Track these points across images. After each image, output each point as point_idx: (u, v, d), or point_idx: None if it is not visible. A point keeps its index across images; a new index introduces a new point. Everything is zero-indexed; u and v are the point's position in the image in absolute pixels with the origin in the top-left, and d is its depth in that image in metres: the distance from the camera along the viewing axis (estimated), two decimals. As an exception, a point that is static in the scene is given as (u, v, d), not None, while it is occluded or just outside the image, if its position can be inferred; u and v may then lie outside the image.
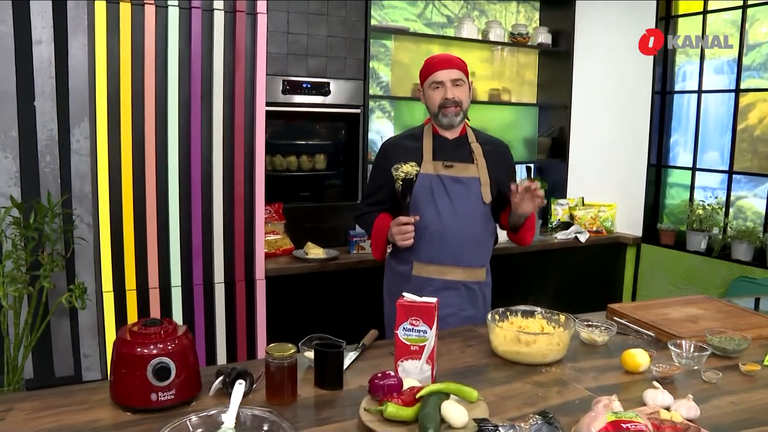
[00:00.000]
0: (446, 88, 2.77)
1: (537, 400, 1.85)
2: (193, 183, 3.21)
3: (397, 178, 2.65)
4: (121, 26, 2.99)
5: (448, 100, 2.77)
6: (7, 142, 3.64)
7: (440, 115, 2.81)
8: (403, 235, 2.70)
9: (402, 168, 2.65)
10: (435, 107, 2.81)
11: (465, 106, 2.82)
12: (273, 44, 4.01)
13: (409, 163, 2.69)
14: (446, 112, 2.79)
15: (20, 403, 1.73)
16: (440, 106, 2.79)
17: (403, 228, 2.69)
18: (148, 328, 1.74)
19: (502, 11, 5.37)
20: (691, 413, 1.72)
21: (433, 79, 2.79)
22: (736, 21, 4.55)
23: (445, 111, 2.79)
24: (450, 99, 2.76)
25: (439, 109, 2.80)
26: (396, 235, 2.72)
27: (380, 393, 1.70)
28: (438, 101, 2.79)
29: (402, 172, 2.64)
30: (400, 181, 2.65)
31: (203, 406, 1.73)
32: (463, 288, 2.82)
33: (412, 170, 2.65)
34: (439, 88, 2.78)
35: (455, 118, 2.80)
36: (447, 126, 2.83)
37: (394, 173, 2.67)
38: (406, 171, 2.64)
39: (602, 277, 5.19)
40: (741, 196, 4.68)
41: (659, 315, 2.58)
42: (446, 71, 2.77)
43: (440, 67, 2.78)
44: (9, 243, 3.37)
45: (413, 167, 2.66)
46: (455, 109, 2.78)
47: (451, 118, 2.80)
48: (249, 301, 3.41)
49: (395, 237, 2.73)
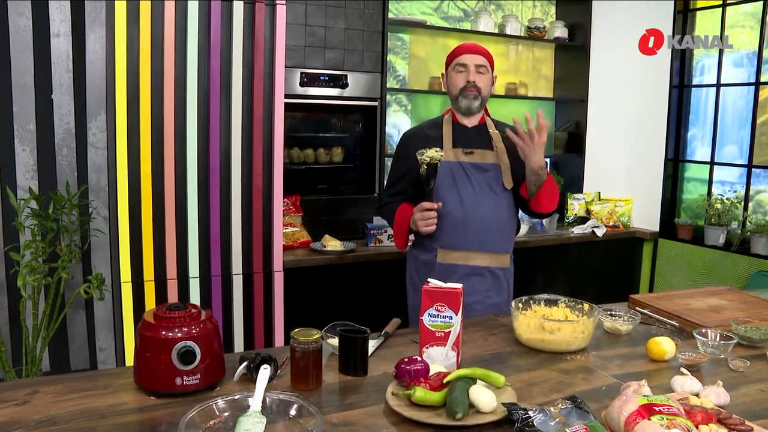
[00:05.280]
0: (469, 72, 2.82)
1: (564, 386, 1.83)
2: (211, 175, 3.20)
3: (422, 162, 2.66)
4: (141, 18, 2.99)
5: (469, 83, 2.81)
6: (24, 135, 3.65)
7: (460, 97, 2.85)
8: (426, 221, 2.71)
9: (427, 153, 2.66)
10: (456, 90, 2.85)
11: (485, 93, 2.87)
12: (291, 36, 4.01)
13: (434, 148, 2.70)
14: (467, 94, 2.83)
15: (44, 387, 1.73)
16: (462, 88, 2.83)
17: (426, 214, 2.69)
18: (173, 312, 1.73)
19: (518, 5, 5.35)
20: (721, 399, 1.70)
21: (458, 62, 2.84)
22: (756, 13, 4.51)
23: (466, 93, 2.83)
24: (471, 82, 2.81)
25: (460, 92, 2.84)
26: (419, 221, 2.73)
27: (407, 378, 1.69)
28: (460, 84, 2.83)
29: (427, 156, 2.65)
30: (425, 165, 2.66)
31: (227, 391, 1.72)
32: (488, 274, 2.83)
33: (437, 155, 2.66)
34: (462, 72, 2.83)
35: (474, 102, 2.84)
36: (465, 110, 2.87)
37: (419, 158, 2.68)
38: (431, 156, 2.64)
39: (619, 271, 5.16)
40: (760, 190, 4.64)
41: (682, 305, 2.56)
42: (472, 56, 2.84)
43: (466, 51, 2.84)
44: (28, 233, 3.38)
45: (437, 152, 2.67)
46: (475, 93, 2.82)
47: (470, 101, 2.83)
48: (267, 293, 3.40)
49: (418, 223, 2.74)
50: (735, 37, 4.71)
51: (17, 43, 3.58)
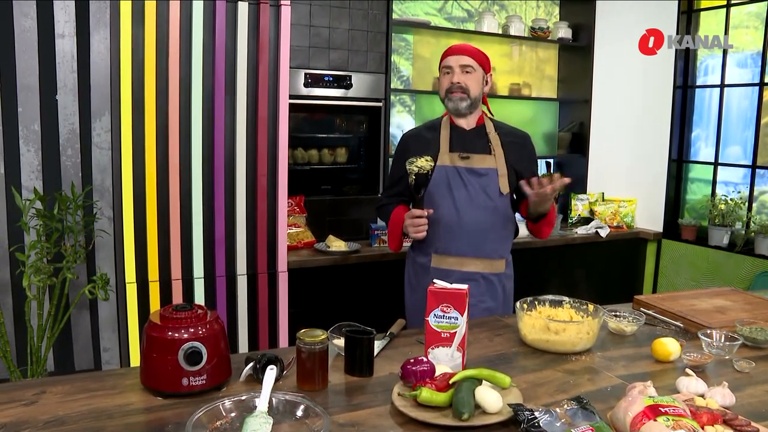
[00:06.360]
0: (454, 73, 2.78)
1: (569, 387, 1.83)
2: (216, 175, 3.21)
3: (410, 172, 2.69)
4: (146, 19, 2.99)
5: (453, 84, 2.78)
6: (29, 135, 3.66)
7: (446, 100, 2.82)
8: (415, 228, 2.72)
9: (416, 162, 2.68)
10: (443, 92, 2.84)
11: (474, 94, 2.80)
12: (295, 37, 4.01)
13: (425, 157, 2.73)
14: (452, 96, 2.79)
15: (52, 387, 1.73)
16: (447, 90, 2.81)
17: (416, 221, 2.71)
18: (179, 313, 1.73)
19: (522, 6, 5.35)
20: (727, 401, 1.70)
21: (444, 64, 2.83)
22: (760, 14, 4.51)
23: (451, 96, 2.80)
24: (456, 83, 2.77)
25: (446, 94, 2.82)
26: (409, 228, 2.75)
27: (413, 378, 1.69)
28: (446, 86, 2.81)
29: (415, 166, 2.67)
30: (413, 175, 2.69)
31: (234, 392, 1.73)
32: (481, 279, 2.81)
33: (427, 165, 2.68)
34: (448, 74, 2.81)
35: (460, 103, 2.79)
36: (454, 111, 2.84)
37: (407, 167, 2.70)
38: (420, 165, 2.67)
39: (623, 272, 5.16)
40: (764, 190, 4.63)
41: (687, 306, 2.56)
42: (456, 57, 2.79)
43: (450, 53, 2.81)
44: (33, 234, 3.39)
45: (428, 162, 2.70)
46: (461, 95, 2.78)
47: (456, 103, 2.79)
48: (271, 293, 3.40)
49: (408, 229, 2.76)
50: (739, 37, 4.71)
51: (22, 44, 3.60)
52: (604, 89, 5.30)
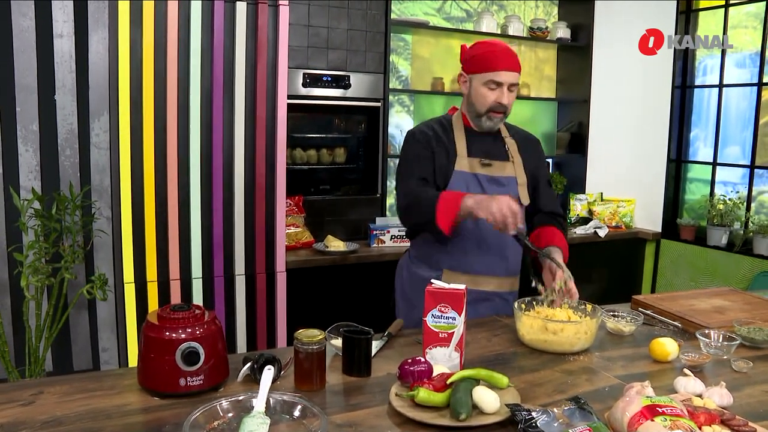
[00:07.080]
0: (503, 93, 2.44)
1: (567, 387, 1.83)
2: (214, 175, 3.21)
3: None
4: (144, 19, 2.99)
5: (500, 105, 2.45)
6: (27, 135, 3.66)
7: (485, 118, 2.49)
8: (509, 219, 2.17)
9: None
10: (484, 108, 2.47)
11: (509, 112, 2.52)
12: (294, 37, 4.01)
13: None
14: (493, 116, 2.49)
15: (50, 387, 1.73)
16: (490, 109, 2.46)
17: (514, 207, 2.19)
18: (177, 313, 1.73)
19: (521, 6, 5.35)
20: (724, 401, 1.70)
21: (492, 78, 2.42)
22: (759, 14, 4.51)
23: (493, 115, 2.48)
24: (504, 104, 2.46)
25: (487, 111, 2.47)
26: (506, 214, 2.17)
27: (410, 379, 1.69)
28: (490, 103, 2.45)
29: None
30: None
31: (231, 392, 1.72)
32: (497, 299, 2.61)
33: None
34: (494, 90, 2.44)
35: (499, 123, 2.53)
36: (487, 129, 2.54)
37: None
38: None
39: (622, 272, 5.16)
40: (763, 190, 4.63)
41: (685, 306, 2.56)
42: (509, 73, 2.43)
43: (504, 67, 2.42)
44: (31, 234, 3.39)
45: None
46: (502, 116, 2.51)
47: (495, 123, 2.51)
48: (269, 294, 3.41)
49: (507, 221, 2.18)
50: (738, 37, 4.71)
51: (20, 44, 3.59)
52: (603, 89, 5.30)
